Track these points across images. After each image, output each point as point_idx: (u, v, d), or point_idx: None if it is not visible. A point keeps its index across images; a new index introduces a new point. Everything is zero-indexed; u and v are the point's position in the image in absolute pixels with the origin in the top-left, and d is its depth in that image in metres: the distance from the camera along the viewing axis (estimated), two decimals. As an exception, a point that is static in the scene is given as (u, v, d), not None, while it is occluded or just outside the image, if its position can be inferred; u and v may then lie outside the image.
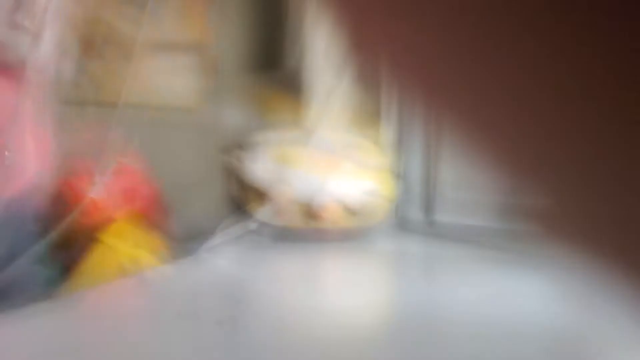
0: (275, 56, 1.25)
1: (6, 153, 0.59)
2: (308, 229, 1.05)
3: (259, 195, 1.05)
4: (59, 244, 0.78)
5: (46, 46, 0.56)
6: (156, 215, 2.04)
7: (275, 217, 1.02)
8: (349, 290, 0.47)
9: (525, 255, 0.82)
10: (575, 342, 0.28)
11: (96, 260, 1.55)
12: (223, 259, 0.70)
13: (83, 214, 1.69)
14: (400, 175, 1.17)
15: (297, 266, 0.66)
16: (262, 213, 0.98)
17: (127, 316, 0.34)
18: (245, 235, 0.98)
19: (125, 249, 1.57)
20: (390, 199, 1.13)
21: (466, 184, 1.53)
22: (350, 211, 1.08)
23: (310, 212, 1.05)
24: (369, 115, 1.52)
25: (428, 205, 1.70)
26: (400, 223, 2.17)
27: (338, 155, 1.12)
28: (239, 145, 1.09)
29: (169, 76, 3.21)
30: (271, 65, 1.20)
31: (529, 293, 0.50)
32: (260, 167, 1.05)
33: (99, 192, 1.71)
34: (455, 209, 1.59)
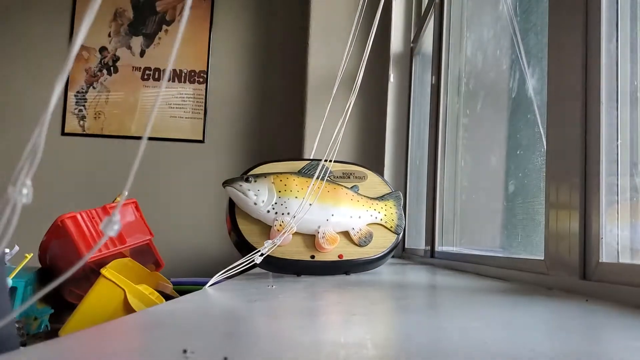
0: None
1: None
2: (311, 262, 1.05)
3: (261, 227, 1.04)
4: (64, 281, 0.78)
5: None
6: (155, 251, 2.03)
7: (277, 249, 1.00)
8: (351, 323, 0.47)
9: (527, 284, 0.82)
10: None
11: (98, 296, 1.55)
12: (227, 294, 0.70)
13: (84, 249, 1.68)
14: (403, 205, 1.16)
15: (300, 300, 0.65)
16: (264, 246, 0.96)
17: (129, 354, 0.34)
18: (249, 269, 0.97)
19: (127, 285, 1.56)
20: (395, 229, 1.12)
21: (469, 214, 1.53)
22: (354, 242, 1.07)
23: (313, 244, 1.05)
24: (372, 145, 1.48)
25: (431, 236, 1.71)
26: (403, 252, 2.16)
27: (341, 186, 1.11)
28: (240, 176, 1.07)
29: (172, 108, 3.21)
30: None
31: (531, 323, 0.49)
32: (261, 198, 1.03)
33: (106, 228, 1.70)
34: (457, 238, 1.59)
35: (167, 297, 1.69)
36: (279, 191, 1.05)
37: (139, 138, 2.99)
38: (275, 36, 3.08)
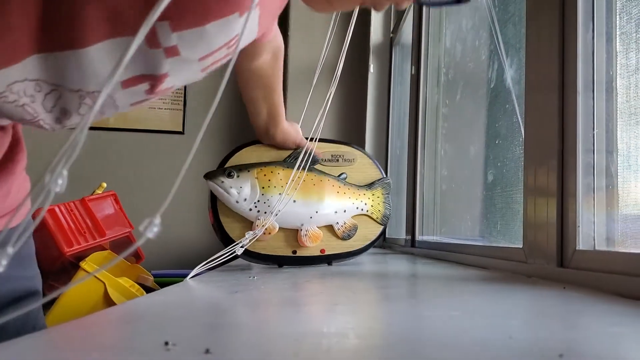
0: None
1: None
2: (294, 257, 1.02)
3: (242, 222, 1.00)
4: (42, 274, 0.77)
5: None
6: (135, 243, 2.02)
7: (258, 244, 0.98)
8: (333, 313, 0.47)
9: (506, 272, 0.83)
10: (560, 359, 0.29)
11: (79, 289, 1.53)
12: (209, 286, 0.70)
13: (64, 243, 1.67)
14: (390, 194, 1.11)
15: (282, 291, 0.66)
16: (246, 240, 0.94)
17: (110, 347, 0.34)
18: (231, 260, 0.96)
19: (107, 278, 1.55)
20: (380, 220, 1.08)
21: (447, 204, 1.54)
22: (338, 236, 1.05)
23: (295, 238, 1.02)
24: (352, 135, 1.38)
25: (411, 225, 1.72)
26: (384, 242, 2.17)
27: (328, 176, 1.07)
28: (222, 169, 1.03)
29: (154, 100, 3.17)
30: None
31: (509, 310, 0.50)
32: (243, 196, 0.99)
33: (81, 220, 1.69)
34: (437, 227, 1.61)
35: (148, 290, 1.68)
36: (262, 187, 1.01)
37: (117, 130, 2.96)
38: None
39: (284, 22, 2.52)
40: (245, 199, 0.99)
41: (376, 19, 2.41)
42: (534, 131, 0.79)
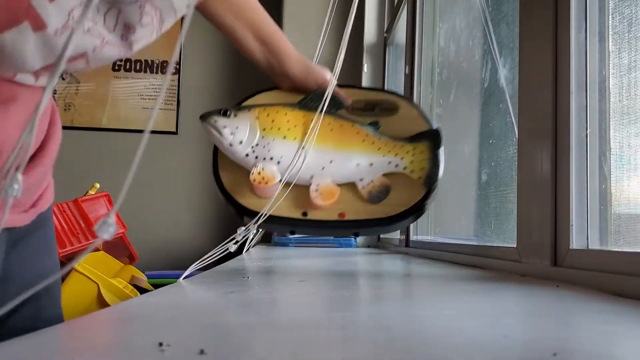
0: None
1: None
2: (303, 221, 0.82)
3: (241, 174, 0.82)
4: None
5: None
6: (129, 244, 2.01)
7: (261, 203, 0.79)
8: (327, 314, 0.47)
9: (500, 271, 0.83)
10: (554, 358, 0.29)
11: (72, 291, 1.53)
12: (203, 287, 0.70)
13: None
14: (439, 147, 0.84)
15: (276, 292, 0.66)
16: (245, 198, 0.79)
17: (104, 349, 0.34)
18: (229, 256, 0.95)
19: (100, 279, 1.55)
20: (423, 180, 0.82)
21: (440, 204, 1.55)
22: (364, 198, 0.82)
23: (304, 197, 0.81)
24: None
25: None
26: (378, 242, 2.18)
27: (351, 122, 0.84)
28: (218, 109, 0.84)
29: (144, 99, 3.16)
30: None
31: (503, 309, 0.50)
32: (238, 138, 0.81)
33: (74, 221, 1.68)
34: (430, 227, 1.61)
35: (142, 291, 1.67)
36: (263, 129, 0.81)
37: (110, 130, 2.95)
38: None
39: (277, 22, 2.52)
40: (240, 142, 0.81)
41: (370, 19, 2.41)
42: (527, 131, 0.79)
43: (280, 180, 0.80)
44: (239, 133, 0.81)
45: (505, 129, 1.03)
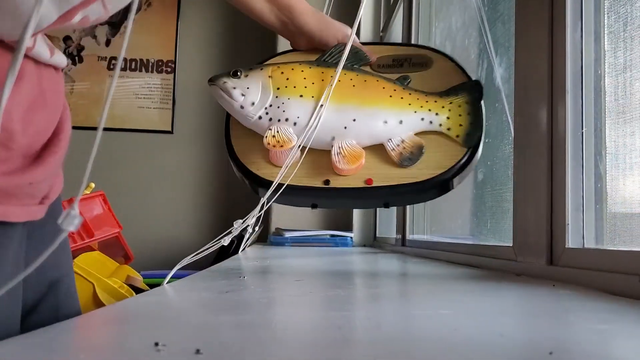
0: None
1: None
2: (325, 190, 0.72)
3: (255, 142, 0.75)
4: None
5: None
6: (124, 244, 2.01)
7: (277, 172, 0.72)
8: (323, 312, 0.47)
9: (496, 270, 0.83)
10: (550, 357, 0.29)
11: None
12: (198, 286, 0.70)
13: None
14: (480, 102, 0.75)
15: (272, 291, 0.65)
16: (261, 169, 0.72)
17: (99, 349, 0.33)
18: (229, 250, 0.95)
19: (96, 279, 1.54)
20: (463, 139, 0.73)
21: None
22: (394, 160, 0.72)
23: (325, 163, 0.73)
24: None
25: (402, 224, 1.73)
26: (374, 241, 2.18)
27: (377, 77, 0.75)
28: (229, 71, 0.77)
29: (140, 98, 3.16)
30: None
31: (500, 308, 0.50)
32: (250, 99, 0.73)
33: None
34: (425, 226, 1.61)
35: (138, 291, 1.67)
36: (277, 88, 0.74)
37: (105, 129, 2.94)
38: (245, 25, 3.05)
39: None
40: (252, 104, 0.73)
41: (366, 17, 2.41)
42: (523, 130, 0.79)
43: (299, 145, 0.71)
44: (250, 94, 0.73)
45: (501, 128, 1.03)
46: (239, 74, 0.75)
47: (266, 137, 0.72)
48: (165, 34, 3.00)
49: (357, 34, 0.73)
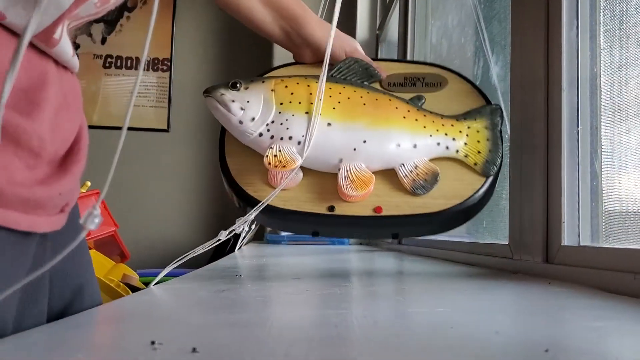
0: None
1: None
2: (329, 217, 0.66)
3: (253, 160, 0.69)
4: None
5: None
6: (120, 243, 2.01)
7: (279, 195, 0.67)
8: (319, 311, 0.47)
9: (492, 268, 0.83)
10: (547, 355, 0.29)
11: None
12: (195, 285, 0.70)
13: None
14: (501, 128, 0.71)
15: (268, 289, 0.65)
16: (258, 191, 0.66)
17: (96, 347, 0.33)
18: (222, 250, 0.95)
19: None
20: (482, 167, 0.69)
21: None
22: (406, 188, 0.67)
23: (333, 187, 0.67)
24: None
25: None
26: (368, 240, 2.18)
27: (389, 95, 0.70)
28: (226, 82, 0.71)
29: (138, 97, 3.15)
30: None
31: (495, 306, 0.50)
32: (250, 114, 0.67)
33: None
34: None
35: (134, 289, 1.67)
36: (281, 103, 0.68)
37: (101, 128, 2.93)
38: (241, 23, 3.04)
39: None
40: (253, 119, 0.67)
41: (362, 16, 2.41)
42: (519, 128, 0.79)
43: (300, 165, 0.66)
44: (250, 108, 0.67)
45: (497, 126, 1.03)
46: (238, 85, 0.69)
47: (267, 156, 0.66)
48: (161, 32, 2.99)
49: (353, 33, 0.72)
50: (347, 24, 2.37)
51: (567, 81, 0.69)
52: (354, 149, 0.66)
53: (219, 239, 0.68)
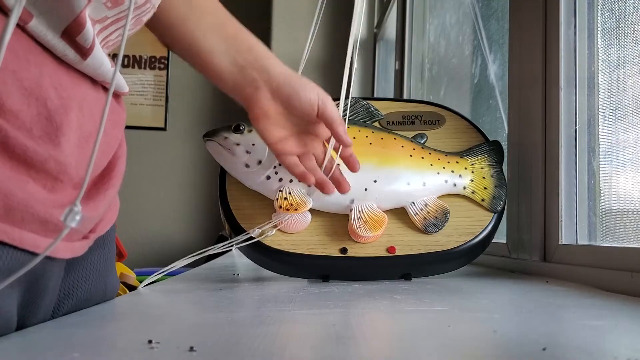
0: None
1: None
2: (342, 259, 0.66)
3: (262, 202, 0.67)
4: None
5: None
6: (117, 241, 2.00)
7: (288, 240, 0.66)
8: (318, 311, 0.47)
9: (491, 267, 0.83)
10: (547, 353, 0.29)
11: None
12: (192, 284, 0.69)
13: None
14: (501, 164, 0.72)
15: (266, 289, 0.65)
16: (257, 231, 0.65)
17: (93, 346, 0.33)
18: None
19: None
20: (489, 203, 0.69)
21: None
22: (417, 227, 0.67)
23: (344, 229, 0.67)
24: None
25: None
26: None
27: (394, 134, 0.71)
28: (228, 125, 0.69)
29: (132, 95, 3.15)
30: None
31: (493, 305, 0.50)
32: (256, 157, 0.66)
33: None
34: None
35: (131, 288, 1.66)
36: None
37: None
38: (239, 21, 3.03)
39: (266, 17, 2.51)
40: (259, 162, 0.65)
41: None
42: (517, 126, 0.79)
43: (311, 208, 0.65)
44: (256, 151, 0.66)
45: (495, 125, 1.03)
46: (241, 128, 0.67)
47: (277, 199, 0.64)
48: (158, 30, 2.98)
49: (349, 32, 0.69)
50: (344, 22, 2.37)
51: (564, 80, 0.69)
52: (365, 189, 0.66)
53: (209, 249, 0.67)
